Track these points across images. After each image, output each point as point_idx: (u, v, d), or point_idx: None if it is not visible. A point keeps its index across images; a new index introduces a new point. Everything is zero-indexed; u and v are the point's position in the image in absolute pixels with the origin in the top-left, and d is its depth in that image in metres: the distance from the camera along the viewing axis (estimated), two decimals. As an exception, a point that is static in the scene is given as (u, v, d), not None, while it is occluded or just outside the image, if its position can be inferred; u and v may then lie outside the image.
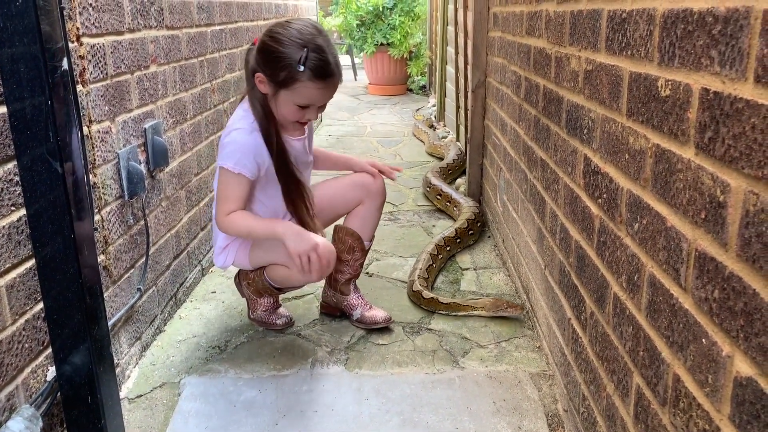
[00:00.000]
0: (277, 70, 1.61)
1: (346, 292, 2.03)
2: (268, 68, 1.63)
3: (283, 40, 1.60)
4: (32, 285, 1.28)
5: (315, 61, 1.59)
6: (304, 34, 1.60)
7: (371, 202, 1.95)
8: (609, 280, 1.22)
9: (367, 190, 1.94)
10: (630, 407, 1.11)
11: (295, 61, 1.58)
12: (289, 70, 1.59)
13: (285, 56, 1.59)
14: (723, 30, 0.76)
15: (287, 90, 1.63)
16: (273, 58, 1.61)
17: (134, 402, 1.66)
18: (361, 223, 1.96)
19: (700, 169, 0.83)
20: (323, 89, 1.65)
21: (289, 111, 1.68)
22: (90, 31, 1.54)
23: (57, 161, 1.19)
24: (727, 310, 0.76)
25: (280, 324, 2.00)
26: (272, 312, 2.02)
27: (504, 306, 2.00)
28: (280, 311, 2.03)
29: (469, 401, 1.64)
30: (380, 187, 1.96)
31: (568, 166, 1.52)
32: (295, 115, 1.69)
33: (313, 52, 1.59)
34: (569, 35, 1.49)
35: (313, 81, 1.61)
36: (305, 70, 1.58)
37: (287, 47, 1.59)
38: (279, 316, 2.01)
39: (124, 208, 1.73)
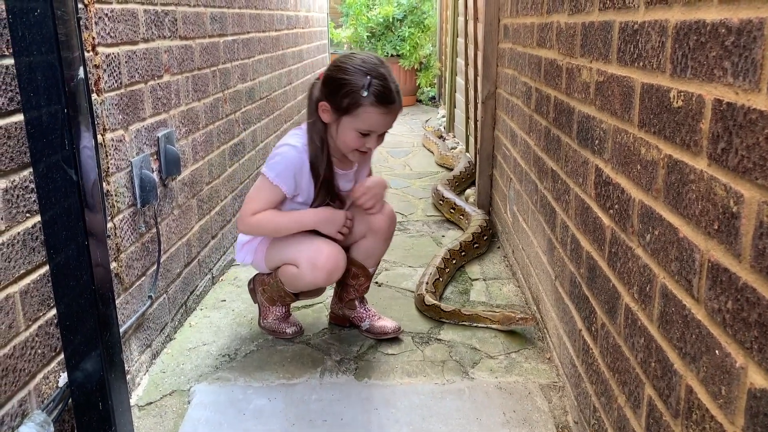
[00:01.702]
0: (341, 97, 1.66)
1: (353, 306, 2.04)
2: (332, 96, 1.69)
3: (347, 68, 1.66)
4: (45, 291, 1.29)
5: (378, 87, 1.64)
6: (367, 63, 1.67)
7: (373, 237, 1.94)
8: (620, 291, 1.21)
9: (369, 226, 1.93)
10: (642, 419, 1.10)
11: (359, 87, 1.63)
12: (353, 96, 1.65)
13: (349, 83, 1.65)
14: (736, 41, 0.77)
15: (350, 116, 1.68)
16: (338, 85, 1.67)
17: (144, 409, 1.67)
18: (365, 255, 1.97)
19: (713, 180, 0.83)
20: (385, 115, 1.69)
21: (350, 138, 1.71)
22: (105, 41, 1.56)
23: (72, 169, 1.20)
24: (740, 321, 0.76)
25: (290, 333, 2.00)
26: (283, 320, 2.02)
27: (515, 319, 2.00)
28: (291, 320, 2.04)
29: (478, 412, 1.63)
30: (383, 224, 1.94)
31: (579, 177, 1.52)
32: (356, 143, 1.72)
33: (376, 78, 1.64)
34: (580, 46, 1.50)
35: (375, 106, 1.65)
36: (369, 95, 1.63)
37: (352, 74, 1.65)
38: (289, 324, 2.02)
39: (137, 216, 1.74)
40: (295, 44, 4.14)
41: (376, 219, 1.92)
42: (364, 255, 1.96)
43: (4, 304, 1.17)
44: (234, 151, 2.70)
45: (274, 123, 3.51)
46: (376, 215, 1.92)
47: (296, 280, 1.86)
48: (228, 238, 2.61)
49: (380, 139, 1.76)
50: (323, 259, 1.77)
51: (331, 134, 1.76)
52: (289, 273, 1.86)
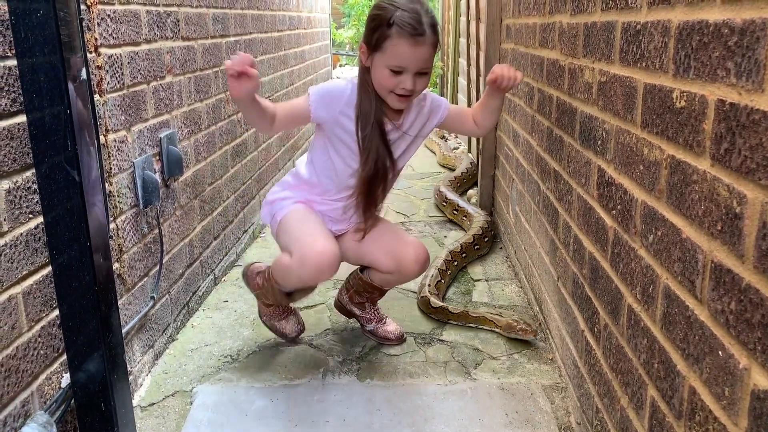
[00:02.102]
0: (372, 32, 1.63)
1: (363, 308, 2.02)
2: (366, 34, 1.66)
3: (383, 4, 1.62)
4: (48, 292, 1.29)
5: (405, 18, 1.58)
6: (403, 1, 1.61)
7: (400, 276, 1.87)
8: (623, 292, 1.21)
9: (399, 269, 1.84)
10: (644, 420, 1.10)
11: (387, 19, 1.58)
12: (381, 29, 1.60)
13: (379, 17, 1.61)
14: (739, 41, 0.76)
15: (380, 53, 1.61)
16: (370, 21, 1.64)
17: (146, 410, 1.67)
18: (386, 282, 1.92)
19: (716, 181, 0.83)
20: (414, 47, 1.59)
21: (383, 76, 1.62)
22: (108, 42, 1.56)
23: (74, 170, 1.21)
24: (744, 322, 0.76)
25: (289, 331, 1.97)
26: (282, 317, 1.98)
27: (516, 329, 1.98)
28: (291, 319, 2.00)
29: (481, 413, 1.63)
30: (415, 272, 1.85)
31: (582, 178, 1.51)
32: (389, 81, 1.62)
33: (404, 11, 1.59)
34: (583, 47, 1.50)
35: (402, 37, 1.58)
36: (394, 25, 1.57)
37: (384, 9, 1.61)
38: (289, 322, 1.99)
39: (139, 216, 1.75)
40: (298, 45, 4.14)
41: (407, 263, 1.82)
42: (384, 282, 1.92)
43: (6, 305, 1.17)
44: (236, 151, 2.70)
45: (277, 124, 3.51)
46: (411, 263, 1.82)
47: (287, 273, 1.77)
48: (230, 239, 2.61)
49: (419, 82, 1.64)
50: (313, 256, 1.65)
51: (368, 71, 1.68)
52: (282, 264, 1.77)
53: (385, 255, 1.84)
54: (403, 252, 1.83)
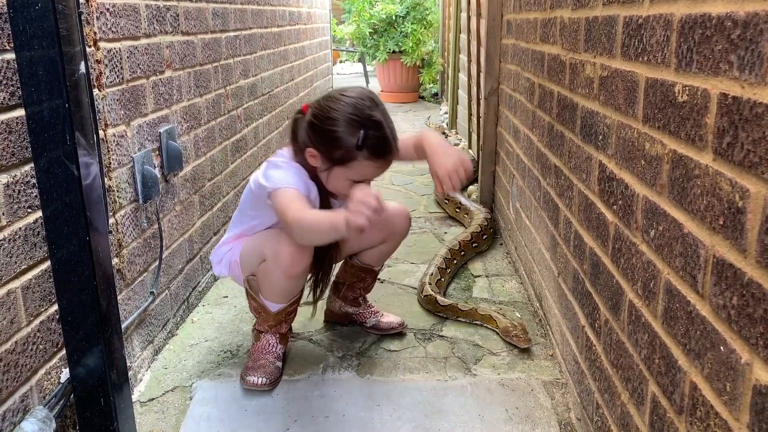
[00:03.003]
0: (333, 149, 1.53)
1: (357, 304, 2.01)
2: (322, 146, 1.55)
3: (338, 119, 1.51)
4: (47, 287, 1.29)
5: (373, 140, 1.51)
6: (359, 109, 1.52)
7: (393, 241, 1.91)
8: (624, 287, 1.21)
9: (392, 232, 1.88)
10: (645, 416, 1.10)
11: (353, 141, 1.50)
12: (346, 150, 1.52)
13: (341, 137, 1.51)
14: (742, 34, 0.76)
15: (342, 167, 1.56)
16: (328, 138, 1.53)
17: (146, 405, 1.67)
18: (379, 258, 1.94)
19: (719, 175, 0.82)
20: (381, 167, 1.58)
21: (342, 185, 1.59)
22: (107, 36, 1.56)
23: (73, 164, 1.20)
24: (746, 317, 0.75)
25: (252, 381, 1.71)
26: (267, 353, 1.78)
27: (511, 335, 1.95)
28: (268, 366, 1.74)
29: (481, 409, 1.63)
30: (405, 228, 1.90)
31: (583, 173, 1.51)
32: (347, 189, 1.55)
33: (371, 129, 1.51)
34: (584, 41, 1.49)
35: (371, 159, 1.54)
36: (363, 149, 1.51)
37: (343, 127, 1.51)
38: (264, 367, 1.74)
39: (139, 211, 1.74)
40: (298, 40, 4.13)
41: (398, 223, 1.86)
42: (377, 258, 1.93)
43: (5, 299, 1.17)
44: (236, 147, 2.70)
45: (276, 119, 3.50)
46: (399, 219, 1.86)
47: (268, 276, 1.67)
48: (230, 235, 2.61)
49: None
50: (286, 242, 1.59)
51: (320, 174, 1.62)
52: (261, 272, 1.69)
53: (377, 232, 1.83)
54: (390, 217, 1.82)
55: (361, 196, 1.35)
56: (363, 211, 1.32)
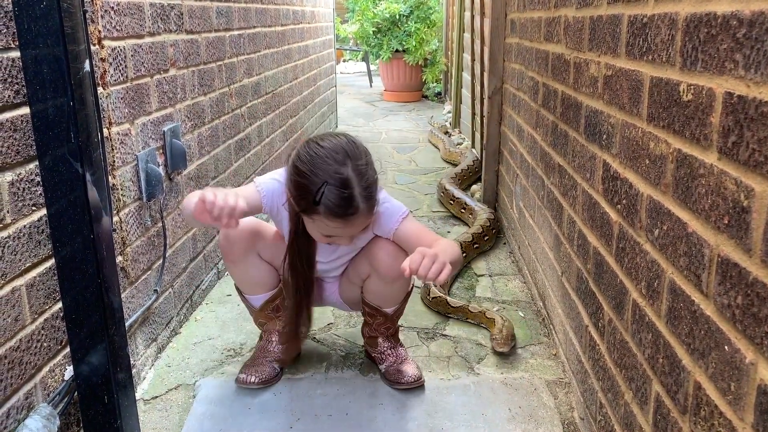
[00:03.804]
0: (298, 197, 1.44)
1: (373, 344, 1.80)
2: (291, 190, 1.47)
3: (305, 169, 1.41)
4: (51, 284, 1.29)
5: (331, 200, 1.38)
6: (329, 162, 1.39)
7: (377, 277, 1.64)
8: (628, 287, 1.20)
9: (372, 265, 1.64)
10: (649, 415, 1.09)
11: (312, 194, 1.39)
12: (306, 201, 1.42)
13: (304, 186, 1.41)
14: (748, 33, 0.76)
15: (307, 218, 1.48)
16: (295, 183, 1.44)
17: (149, 403, 1.67)
18: (374, 296, 1.71)
19: (723, 174, 0.82)
20: (343, 227, 1.45)
21: (315, 235, 1.52)
22: (111, 34, 1.56)
23: (78, 162, 1.20)
24: (750, 316, 0.75)
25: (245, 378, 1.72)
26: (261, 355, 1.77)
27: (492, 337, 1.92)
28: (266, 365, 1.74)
29: (484, 408, 1.63)
30: (383, 262, 1.61)
31: (587, 172, 1.51)
32: (322, 240, 1.54)
33: (334, 185, 1.38)
34: (588, 40, 1.49)
35: (329, 219, 1.41)
36: (321, 205, 1.39)
37: (309, 176, 1.40)
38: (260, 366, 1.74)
39: (142, 210, 1.74)
40: (301, 39, 4.13)
41: (379, 257, 1.61)
42: (373, 296, 1.70)
43: (10, 296, 1.17)
44: (240, 145, 2.70)
45: (280, 118, 3.50)
46: (382, 252, 1.61)
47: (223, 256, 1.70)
48: (233, 233, 2.61)
49: (357, 235, 1.54)
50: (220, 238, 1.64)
51: None
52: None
53: (361, 262, 1.68)
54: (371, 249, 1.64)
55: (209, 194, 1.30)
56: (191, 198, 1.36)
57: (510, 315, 2.12)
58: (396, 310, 1.75)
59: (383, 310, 1.72)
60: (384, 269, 1.60)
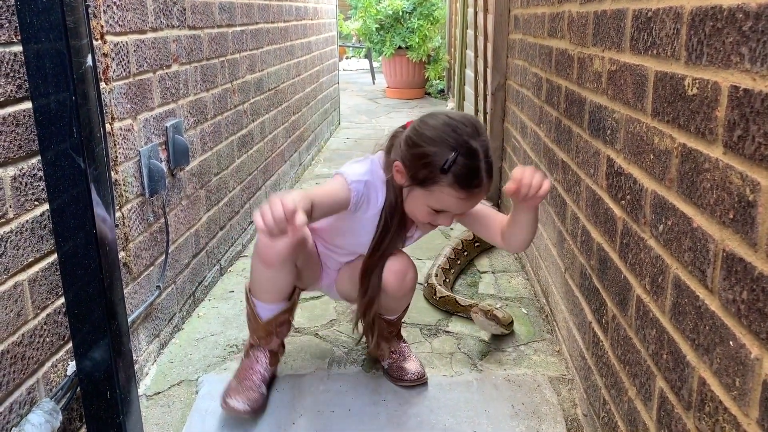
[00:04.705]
0: (419, 168, 1.38)
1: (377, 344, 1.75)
2: (409, 161, 1.41)
3: (433, 136, 1.37)
4: (54, 279, 1.29)
5: (462, 168, 1.34)
6: (459, 133, 1.36)
7: (384, 294, 1.61)
8: (632, 283, 1.20)
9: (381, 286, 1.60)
10: (653, 412, 1.09)
11: (440, 163, 1.34)
12: (431, 170, 1.36)
13: (430, 154, 1.36)
14: (754, 26, 0.75)
15: (424, 190, 1.40)
16: (417, 154, 1.38)
17: (152, 399, 1.67)
18: (382, 306, 1.67)
19: (729, 168, 0.81)
20: (464, 200, 1.40)
21: (420, 211, 1.45)
22: (114, 29, 1.56)
23: (80, 157, 1.20)
24: (756, 311, 0.75)
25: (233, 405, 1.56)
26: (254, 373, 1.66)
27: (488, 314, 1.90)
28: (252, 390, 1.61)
29: (487, 404, 1.63)
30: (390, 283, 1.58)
31: (591, 168, 1.50)
32: (426, 217, 1.46)
33: (463, 156, 1.34)
34: (592, 36, 1.48)
35: (454, 189, 1.36)
36: (449, 174, 1.35)
37: (436, 144, 1.36)
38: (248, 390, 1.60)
39: (145, 205, 1.74)
40: (304, 35, 4.12)
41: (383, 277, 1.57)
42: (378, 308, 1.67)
43: (12, 291, 1.17)
44: (242, 142, 2.69)
45: (282, 114, 3.50)
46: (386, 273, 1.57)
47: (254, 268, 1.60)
48: (236, 230, 2.61)
49: (458, 216, 1.49)
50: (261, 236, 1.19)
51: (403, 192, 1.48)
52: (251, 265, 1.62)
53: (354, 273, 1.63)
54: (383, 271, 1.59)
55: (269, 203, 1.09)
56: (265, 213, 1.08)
57: (513, 312, 2.11)
58: (400, 316, 1.77)
59: (388, 318, 1.73)
60: (392, 289, 1.59)
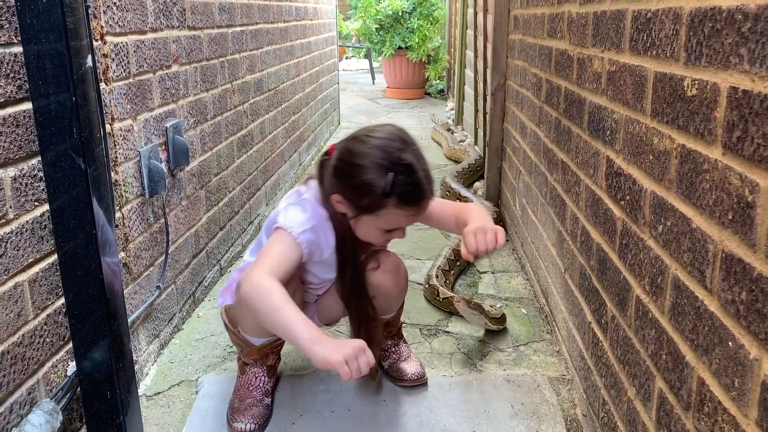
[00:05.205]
0: (360, 197, 1.36)
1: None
2: (348, 192, 1.38)
3: (363, 163, 1.33)
4: (54, 280, 1.29)
5: (404, 186, 1.32)
6: (388, 151, 1.33)
7: (379, 296, 1.58)
8: (631, 283, 1.20)
9: (371, 285, 1.57)
10: (652, 412, 1.09)
11: (380, 188, 1.32)
12: (373, 197, 1.34)
13: (367, 182, 1.33)
14: (753, 27, 0.75)
15: (371, 215, 1.38)
16: (354, 184, 1.35)
17: (152, 399, 1.67)
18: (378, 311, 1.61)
19: (728, 169, 0.82)
20: (414, 215, 1.41)
21: (373, 235, 1.44)
22: (114, 30, 1.56)
23: (80, 157, 1.20)
24: (754, 312, 0.75)
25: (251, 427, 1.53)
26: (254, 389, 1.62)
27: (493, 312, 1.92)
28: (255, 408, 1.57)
29: (486, 404, 1.63)
30: (386, 283, 1.57)
31: (590, 168, 1.50)
32: (379, 239, 1.45)
33: (401, 174, 1.32)
34: (592, 36, 1.48)
35: (402, 208, 1.35)
36: (392, 196, 1.33)
37: (370, 171, 1.33)
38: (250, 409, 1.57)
39: (145, 206, 1.74)
40: (304, 36, 4.13)
41: (377, 278, 1.56)
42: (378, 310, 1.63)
43: (13, 292, 1.17)
44: (242, 142, 2.70)
45: (282, 115, 3.50)
46: (380, 275, 1.56)
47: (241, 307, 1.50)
48: (236, 230, 2.61)
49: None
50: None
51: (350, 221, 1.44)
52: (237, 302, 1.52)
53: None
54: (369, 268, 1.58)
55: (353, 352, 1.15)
56: (351, 371, 1.13)
57: (513, 312, 2.12)
58: (397, 314, 1.75)
59: (386, 317, 1.70)
60: (390, 289, 1.58)
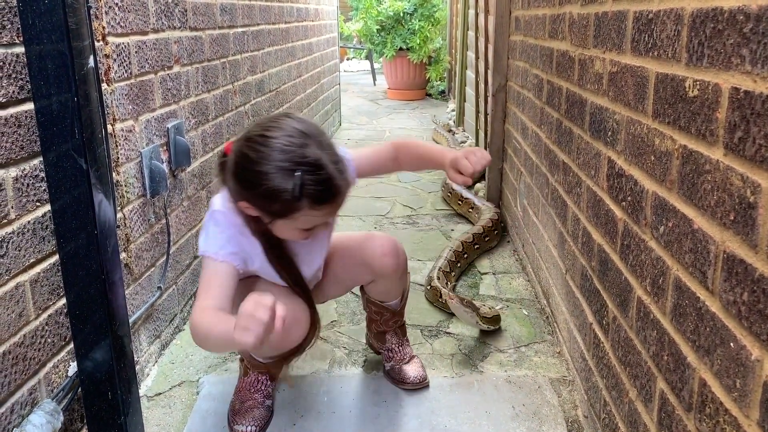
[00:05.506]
0: (268, 204, 1.26)
1: (382, 340, 1.77)
2: (254, 200, 1.28)
3: (264, 169, 1.22)
4: (55, 280, 1.29)
5: (313, 185, 1.22)
6: (290, 151, 1.22)
7: (383, 279, 1.61)
8: (633, 284, 1.20)
9: (373, 271, 1.59)
10: (653, 413, 1.09)
11: (289, 192, 1.21)
12: (283, 203, 1.23)
13: (273, 189, 1.22)
14: (755, 28, 0.75)
15: (285, 219, 1.29)
16: (259, 192, 1.24)
17: (153, 400, 1.67)
18: (380, 293, 1.68)
19: (730, 170, 0.82)
20: (331, 212, 1.32)
21: (294, 235, 1.35)
22: (115, 31, 1.56)
23: (82, 158, 1.20)
24: (756, 313, 0.75)
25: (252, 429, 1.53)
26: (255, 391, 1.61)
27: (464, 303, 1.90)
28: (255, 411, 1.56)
29: (487, 405, 1.63)
30: (388, 266, 1.58)
31: (592, 169, 1.50)
32: (299, 236, 1.36)
33: (307, 174, 1.21)
34: (593, 37, 1.48)
35: (316, 208, 1.25)
36: (303, 198, 1.22)
37: (274, 178, 1.21)
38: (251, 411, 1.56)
39: (146, 206, 1.74)
40: (305, 37, 4.13)
41: (378, 263, 1.57)
42: (377, 293, 1.69)
43: (14, 292, 1.17)
44: (243, 143, 2.69)
45: (284, 116, 3.50)
46: (379, 259, 1.57)
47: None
48: (237, 231, 2.61)
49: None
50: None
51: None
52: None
53: (359, 272, 1.63)
54: (365, 255, 1.58)
55: (249, 308, 1.04)
56: (250, 328, 1.03)
57: (514, 313, 2.11)
58: (401, 302, 1.73)
59: (389, 304, 1.70)
60: (392, 270, 1.59)
